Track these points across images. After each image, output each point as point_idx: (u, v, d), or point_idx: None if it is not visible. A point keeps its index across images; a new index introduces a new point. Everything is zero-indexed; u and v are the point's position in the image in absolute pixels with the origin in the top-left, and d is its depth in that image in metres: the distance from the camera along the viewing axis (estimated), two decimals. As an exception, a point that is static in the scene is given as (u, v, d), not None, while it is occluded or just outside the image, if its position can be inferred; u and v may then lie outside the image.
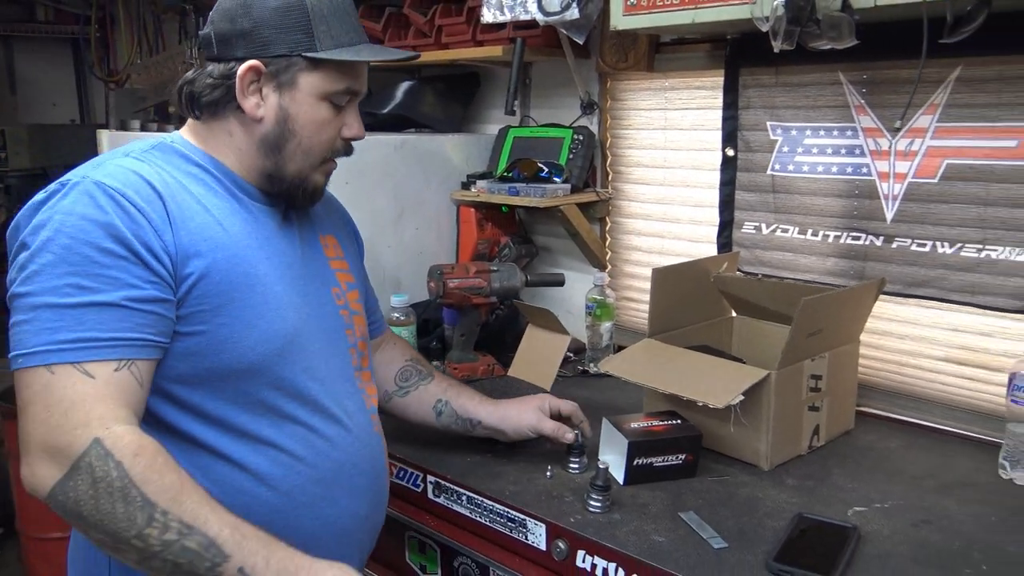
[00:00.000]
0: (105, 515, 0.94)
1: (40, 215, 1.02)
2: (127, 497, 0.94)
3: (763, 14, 1.39)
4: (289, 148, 1.17)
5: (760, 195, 1.94)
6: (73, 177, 1.05)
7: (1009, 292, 1.60)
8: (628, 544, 1.25)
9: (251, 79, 1.13)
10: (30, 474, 0.97)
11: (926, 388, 1.78)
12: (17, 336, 0.99)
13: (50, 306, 0.98)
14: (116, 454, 0.95)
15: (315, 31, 1.13)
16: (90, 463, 0.94)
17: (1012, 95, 1.56)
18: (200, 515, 0.97)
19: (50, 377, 0.97)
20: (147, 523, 0.94)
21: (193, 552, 0.95)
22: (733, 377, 1.48)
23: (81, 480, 0.94)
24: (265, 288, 1.14)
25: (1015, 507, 1.36)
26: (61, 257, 0.99)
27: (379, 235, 2.20)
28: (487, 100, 2.56)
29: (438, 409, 1.52)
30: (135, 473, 0.95)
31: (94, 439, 0.95)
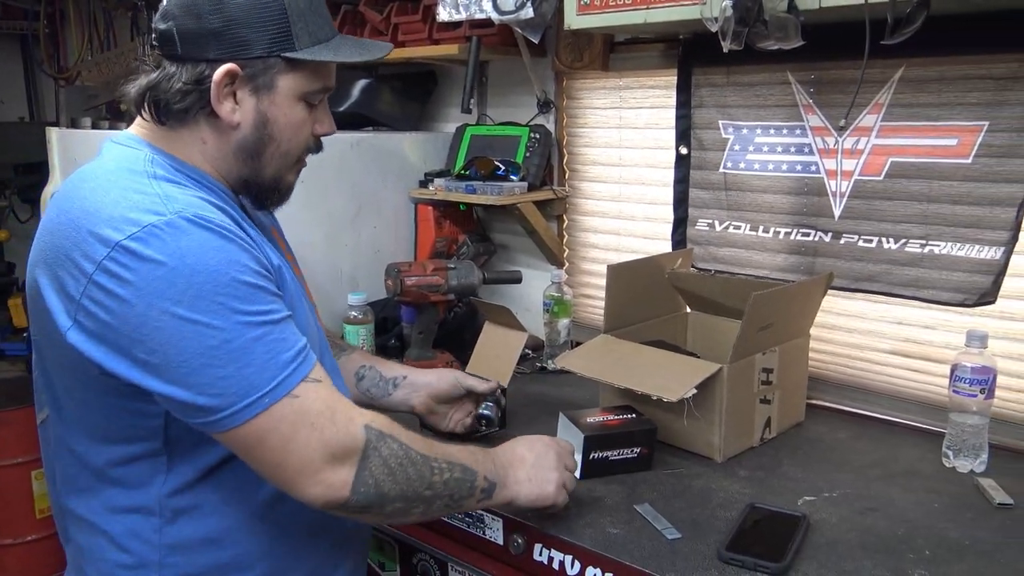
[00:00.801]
0: (402, 482, 1.04)
1: (153, 265, 0.92)
2: (412, 460, 1.05)
3: (712, 15, 1.42)
4: (268, 153, 1.10)
5: (713, 193, 1.98)
6: (151, 216, 0.94)
7: (951, 286, 1.65)
8: (584, 537, 1.27)
9: (226, 82, 1.04)
10: (325, 488, 1.00)
11: (873, 380, 1.83)
12: (236, 385, 0.94)
13: (256, 340, 0.96)
14: (385, 430, 1.05)
15: (293, 28, 1.05)
16: (375, 447, 1.03)
17: (952, 95, 1.61)
18: (446, 451, 1.12)
19: (296, 402, 0.98)
20: (431, 472, 1.07)
21: (459, 480, 1.11)
22: (686, 371, 1.51)
23: (374, 464, 1.02)
24: (298, 294, 1.14)
25: (957, 494, 1.41)
26: (230, 294, 0.95)
27: (336, 234, 2.20)
28: (444, 98, 2.56)
29: (360, 374, 1.50)
30: (404, 438, 1.06)
31: (364, 426, 1.03)
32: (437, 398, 1.52)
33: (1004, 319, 1.63)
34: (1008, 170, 1.55)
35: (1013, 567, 1.18)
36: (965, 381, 1.45)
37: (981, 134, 1.58)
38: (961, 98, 1.60)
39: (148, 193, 0.98)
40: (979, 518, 1.33)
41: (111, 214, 0.95)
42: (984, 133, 1.58)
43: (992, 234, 1.59)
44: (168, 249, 0.92)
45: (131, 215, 0.94)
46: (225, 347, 0.93)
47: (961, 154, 1.61)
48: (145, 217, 0.94)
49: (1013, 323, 1.62)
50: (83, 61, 3.82)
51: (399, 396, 1.50)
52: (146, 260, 0.92)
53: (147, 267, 0.92)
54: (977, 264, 1.61)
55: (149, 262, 0.92)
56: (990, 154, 1.57)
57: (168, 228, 0.93)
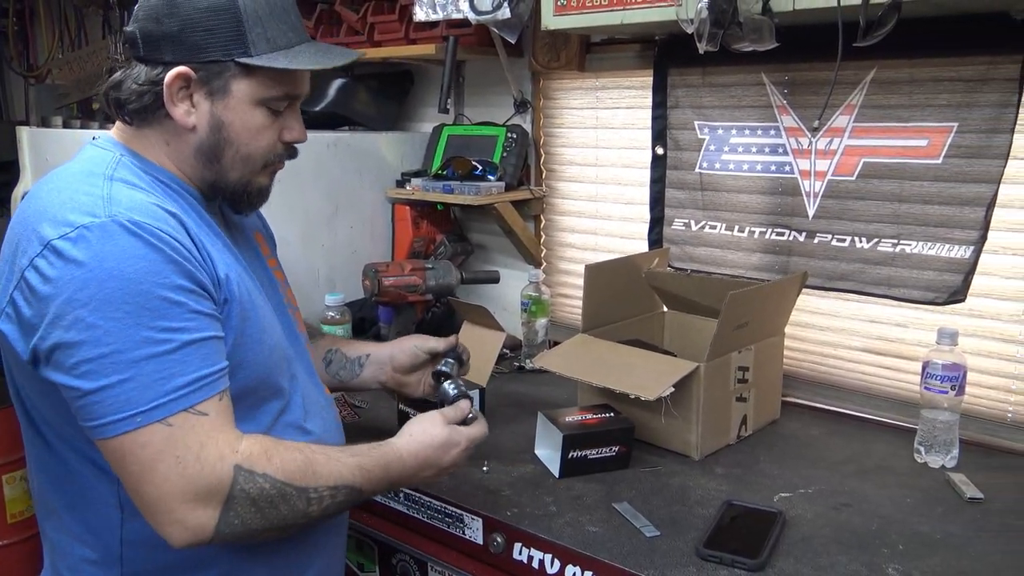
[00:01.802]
0: (273, 520, 1.02)
1: (74, 266, 0.93)
2: (285, 496, 1.02)
3: (688, 16, 1.43)
4: (227, 157, 1.10)
5: (689, 192, 1.99)
6: (87, 218, 0.95)
7: (922, 285, 1.68)
8: (563, 535, 1.28)
9: (180, 86, 1.05)
10: (182, 529, 0.96)
11: (847, 378, 1.85)
12: (115, 398, 0.93)
13: (151, 357, 0.94)
14: (258, 468, 1.00)
15: (248, 34, 1.05)
16: (243, 488, 0.98)
17: (922, 96, 1.63)
18: (334, 473, 1.07)
19: (169, 430, 0.95)
20: (307, 505, 1.04)
21: (341, 503, 1.08)
22: (663, 370, 1.52)
23: (241, 506, 0.99)
24: (259, 301, 1.13)
25: (928, 489, 1.43)
26: (139, 305, 0.93)
27: (313, 234, 2.19)
28: (421, 98, 2.56)
29: (328, 359, 1.50)
30: (280, 474, 1.02)
31: (234, 466, 0.98)
32: (401, 369, 1.51)
33: (974, 317, 1.66)
34: (977, 170, 1.58)
35: (984, 560, 1.21)
36: (936, 378, 1.47)
37: (951, 135, 1.61)
38: (931, 99, 1.63)
39: (93, 195, 0.99)
40: (950, 512, 1.35)
41: (55, 214, 0.97)
42: (954, 134, 1.61)
43: (962, 233, 1.62)
44: (91, 252, 0.94)
45: (70, 216, 0.96)
46: (115, 356, 0.93)
47: (931, 155, 1.64)
48: (80, 218, 0.95)
49: (983, 321, 1.65)
50: (54, 59, 3.77)
51: (367, 375, 1.51)
52: (68, 261, 0.93)
53: (68, 268, 0.93)
54: (947, 263, 1.64)
55: (71, 263, 0.93)
56: (959, 154, 1.60)
57: (98, 231, 0.95)
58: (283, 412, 1.14)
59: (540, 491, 1.42)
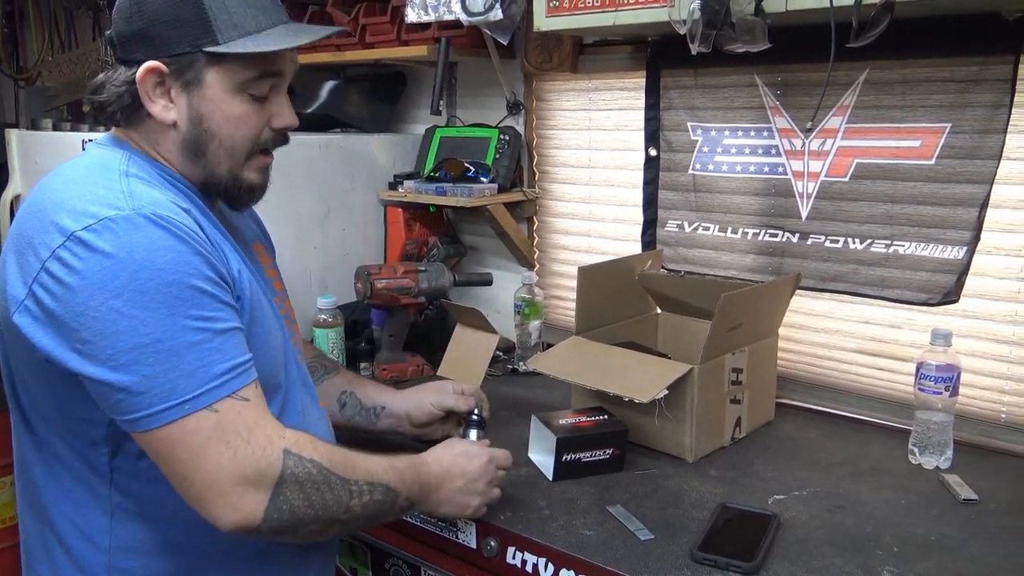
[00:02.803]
0: (319, 508, 1.03)
1: (102, 257, 0.92)
2: (330, 484, 1.04)
3: (680, 17, 1.42)
4: (212, 150, 1.08)
5: (682, 194, 1.99)
6: (111, 210, 0.95)
7: (916, 285, 1.68)
8: (557, 539, 1.27)
9: (155, 81, 1.04)
10: (233, 511, 0.97)
11: (841, 379, 1.85)
12: (160, 387, 0.93)
13: (191, 345, 0.94)
14: (305, 454, 1.02)
15: (214, 22, 1.03)
16: (293, 472, 1.00)
17: (915, 97, 1.63)
18: (370, 470, 1.10)
19: (217, 416, 0.96)
20: (349, 497, 1.06)
21: (379, 502, 1.10)
22: (657, 372, 1.52)
23: (290, 490, 1.00)
24: (264, 304, 1.13)
25: (923, 491, 1.43)
26: (173, 295, 0.94)
27: (305, 236, 2.18)
28: (413, 100, 2.55)
29: (342, 401, 1.50)
30: (325, 461, 1.04)
31: (283, 450, 1.00)
32: (418, 425, 1.51)
33: (968, 317, 1.65)
34: (970, 171, 1.58)
35: (979, 562, 1.20)
36: (930, 379, 1.47)
37: (944, 135, 1.61)
38: (924, 100, 1.62)
39: (113, 189, 0.99)
40: (945, 514, 1.35)
41: (74, 206, 0.96)
42: (947, 135, 1.60)
43: (955, 234, 1.61)
44: (119, 243, 0.93)
45: (91, 208, 0.95)
46: (156, 346, 0.93)
47: (924, 155, 1.64)
48: (104, 211, 0.95)
49: (976, 321, 1.65)
50: (44, 61, 3.75)
51: (383, 425, 1.51)
52: (96, 252, 0.93)
53: (96, 258, 0.93)
54: (941, 263, 1.64)
55: (98, 253, 0.93)
56: (952, 155, 1.60)
57: (123, 223, 0.94)
58: (282, 414, 1.13)
59: (534, 494, 1.41)
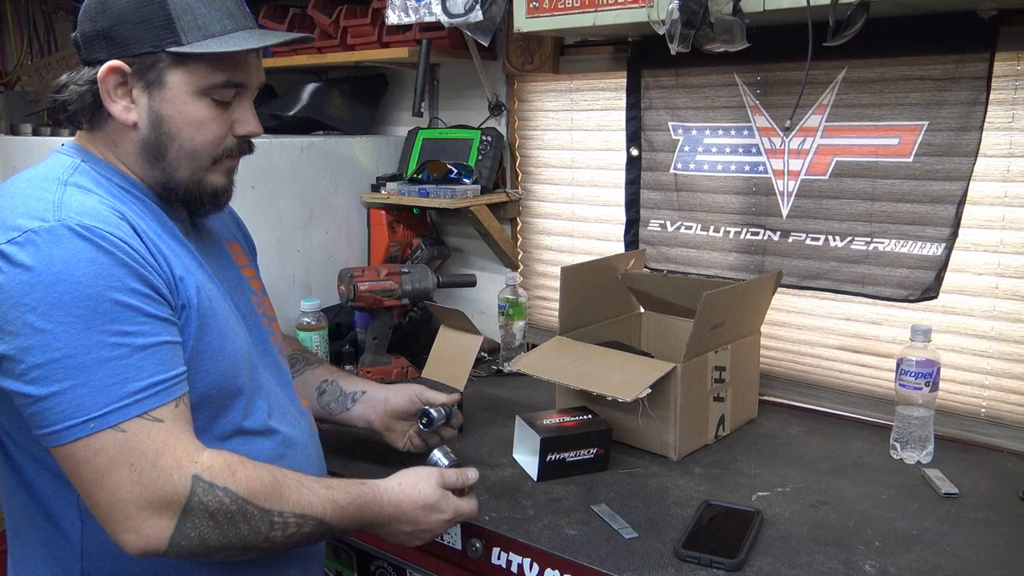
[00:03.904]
0: (231, 538, 0.98)
1: (21, 270, 0.92)
2: (246, 515, 0.99)
3: (659, 17, 1.43)
4: (172, 153, 1.07)
5: (664, 193, 2.00)
6: (35, 222, 0.94)
7: (895, 282, 1.69)
8: (542, 539, 1.27)
9: (116, 81, 1.04)
10: (136, 536, 0.94)
11: (823, 376, 1.86)
12: (68, 403, 0.91)
13: (103, 361, 0.92)
14: (218, 481, 0.97)
15: (178, 23, 1.03)
16: (200, 500, 0.96)
17: (893, 95, 1.64)
18: (302, 502, 1.04)
19: (123, 436, 0.93)
20: (270, 528, 1.01)
21: (309, 534, 1.05)
22: (640, 371, 1.52)
23: (198, 518, 0.96)
24: (222, 307, 1.11)
25: (904, 485, 1.44)
26: (90, 309, 0.92)
27: (287, 239, 2.17)
28: (395, 102, 2.54)
29: (321, 389, 1.48)
30: (242, 490, 0.99)
31: (192, 476, 0.96)
32: (394, 414, 1.48)
33: (947, 313, 1.67)
34: (947, 168, 1.60)
35: (959, 555, 1.21)
36: (910, 375, 1.48)
37: (921, 133, 1.62)
38: (902, 98, 1.64)
39: (44, 200, 0.98)
40: (926, 508, 1.36)
41: (4, 219, 0.96)
42: (924, 132, 1.62)
43: (933, 231, 1.63)
44: (39, 256, 0.92)
45: (19, 220, 0.95)
46: (66, 361, 0.91)
47: (902, 153, 1.65)
48: (29, 223, 0.94)
49: (956, 317, 1.66)
50: (23, 66, 3.72)
51: (357, 411, 1.48)
52: (16, 265, 0.92)
53: (15, 272, 0.92)
54: (920, 260, 1.65)
55: (18, 267, 0.92)
56: (930, 152, 1.61)
57: (46, 235, 0.93)
58: (245, 418, 1.11)
59: (518, 495, 1.42)
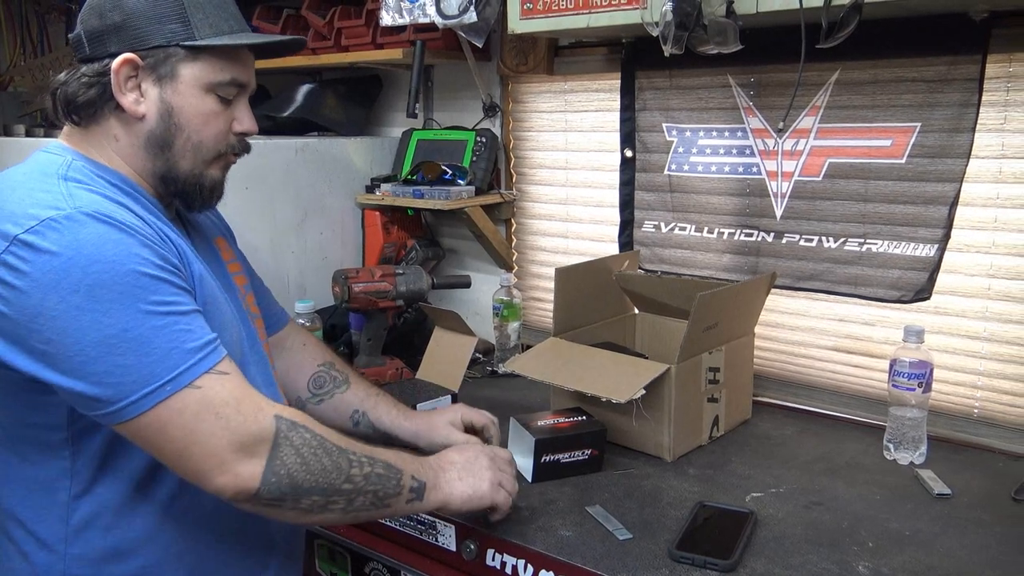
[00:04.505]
0: (317, 473, 1.01)
1: (49, 256, 0.92)
2: (327, 450, 1.03)
3: (653, 19, 1.43)
4: (178, 144, 1.10)
5: (658, 195, 2.00)
6: (51, 211, 0.95)
7: (888, 283, 1.69)
8: (536, 540, 1.27)
9: (128, 73, 1.06)
10: (233, 479, 0.97)
11: (817, 376, 1.87)
12: (137, 373, 0.93)
13: (158, 329, 0.95)
14: (298, 419, 1.03)
15: (191, 19, 1.07)
16: (286, 436, 1.00)
17: (885, 97, 1.65)
18: (367, 447, 1.09)
19: (200, 392, 0.96)
20: (349, 465, 1.04)
21: (382, 476, 1.08)
22: (635, 372, 1.52)
23: (285, 453, 1.00)
24: (219, 300, 1.12)
25: (897, 486, 1.45)
26: (130, 284, 0.94)
27: (282, 240, 2.17)
28: (390, 103, 2.54)
29: (355, 420, 1.48)
30: (319, 429, 1.04)
31: (275, 415, 1.01)
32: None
33: (940, 314, 1.67)
34: (940, 169, 1.60)
35: (951, 555, 1.22)
36: (903, 375, 1.49)
37: (914, 135, 1.63)
38: (894, 100, 1.64)
39: (52, 191, 0.99)
40: (919, 509, 1.36)
41: (12, 210, 0.96)
42: (917, 134, 1.62)
43: (926, 232, 1.63)
44: (64, 241, 0.93)
45: (31, 211, 0.95)
46: (123, 335, 0.93)
47: (895, 154, 1.66)
48: (44, 212, 0.95)
49: (948, 318, 1.67)
50: (16, 66, 3.71)
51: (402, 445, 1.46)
52: (42, 252, 0.93)
53: (43, 258, 0.92)
54: (913, 261, 1.66)
55: (45, 254, 0.92)
56: (923, 154, 1.62)
57: (66, 221, 0.94)
58: None
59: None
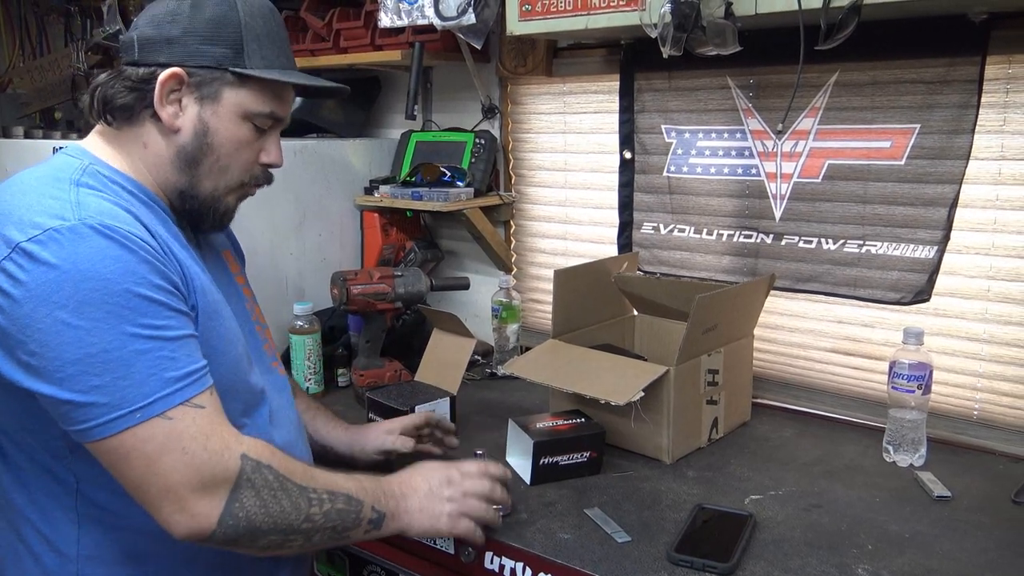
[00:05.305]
0: (276, 515, 1.02)
1: (46, 268, 0.92)
2: (287, 491, 1.03)
3: (651, 21, 1.43)
4: (206, 164, 1.11)
5: (657, 196, 2.00)
6: (56, 221, 0.94)
7: (888, 285, 1.69)
8: (535, 543, 1.27)
9: (172, 87, 1.07)
10: (188, 518, 0.96)
11: (816, 378, 1.86)
12: (111, 396, 0.93)
13: (140, 353, 0.94)
14: (263, 460, 1.02)
15: (246, 48, 1.09)
16: (248, 477, 1.00)
17: (885, 98, 1.65)
18: (330, 481, 1.09)
19: (170, 423, 0.95)
20: (308, 504, 1.05)
21: (342, 511, 1.08)
22: (634, 374, 1.52)
23: (245, 495, 0.99)
24: (225, 315, 1.12)
25: (897, 488, 1.44)
26: (120, 304, 0.93)
27: (281, 243, 2.16)
28: (389, 104, 2.54)
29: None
30: (282, 468, 1.04)
31: (241, 455, 1.00)
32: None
33: (939, 316, 1.67)
34: (939, 171, 1.60)
35: (952, 558, 1.22)
36: (903, 377, 1.48)
37: (913, 136, 1.62)
38: (894, 101, 1.64)
39: (60, 199, 0.98)
40: (919, 511, 1.36)
41: (20, 216, 0.96)
42: (916, 135, 1.62)
43: (926, 233, 1.63)
44: (63, 254, 0.93)
45: (37, 219, 0.95)
46: (103, 356, 0.92)
47: (895, 156, 1.65)
48: (49, 221, 0.95)
49: (948, 320, 1.67)
50: (15, 68, 3.71)
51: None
52: (40, 263, 0.92)
53: (40, 270, 0.92)
54: (912, 263, 1.66)
55: (43, 265, 0.92)
56: (922, 155, 1.62)
57: (68, 233, 0.94)
58: (245, 425, 1.12)
59: (511, 499, 1.41)
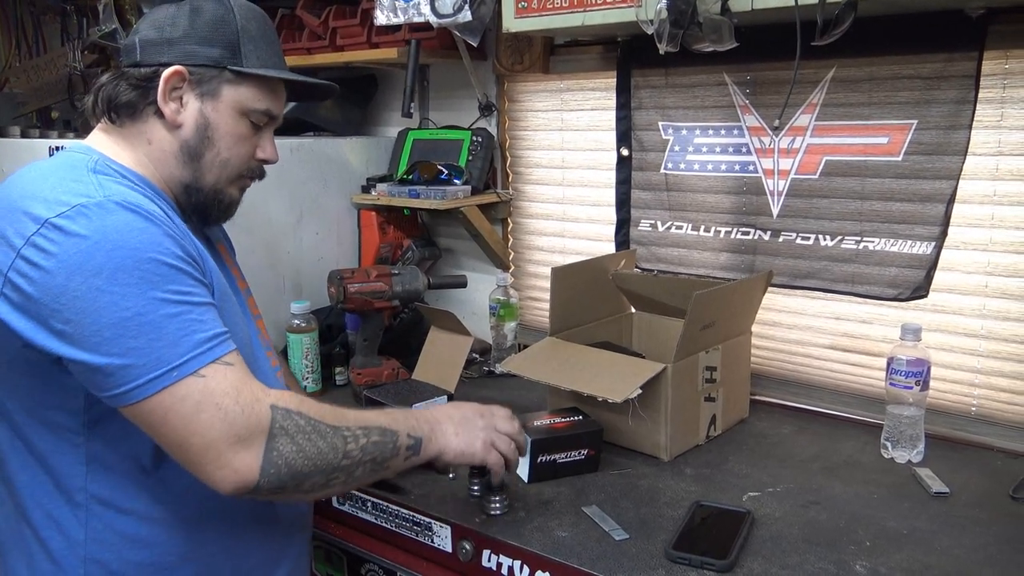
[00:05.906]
0: (314, 457, 1.04)
1: (78, 239, 0.95)
2: (321, 433, 1.06)
3: (648, 17, 1.43)
4: (208, 158, 1.16)
5: (655, 193, 1.99)
6: (82, 198, 0.98)
7: (885, 281, 1.69)
8: (532, 541, 1.27)
9: (175, 84, 1.13)
10: (232, 473, 0.99)
11: (814, 375, 1.86)
12: (146, 358, 0.96)
13: (171, 316, 0.98)
14: (292, 407, 1.05)
15: (242, 49, 1.15)
16: (281, 425, 1.03)
17: (882, 94, 1.64)
18: (361, 417, 1.13)
19: (203, 381, 0.99)
20: (344, 442, 1.07)
21: (378, 443, 1.11)
22: (631, 372, 1.52)
23: (281, 443, 1.02)
24: (231, 298, 1.16)
25: (894, 484, 1.44)
26: (150, 271, 0.98)
27: (277, 241, 2.16)
28: (385, 102, 2.54)
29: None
30: (312, 413, 1.07)
31: (271, 405, 1.03)
32: None
33: (937, 312, 1.67)
34: (937, 167, 1.60)
35: (949, 553, 1.21)
36: (901, 373, 1.48)
37: (910, 132, 1.62)
38: (891, 97, 1.64)
39: (83, 181, 1.03)
40: (917, 507, 1.36)
41: (46, 196, 0.99)
42: (913, 131, 1.62)
43: (923, 229, 1.63)
44: (93, 226, 0.97)
45: (63, 197, 0.99)
46: (137, 319, 0.96)
47: (892, 152, 1.65)
48: (76, 199, 0.98)
49: (946, 316, 1.66)
50: (11, 67, 3.70)
51: None
52: (71, 235, 0.96)
53: (72, 241, 0.96)
54: (910, 259, 1.65)
55: (74, 237, 0.96)
56: (919, 151, 1.61)
57: (96, 208, 0.98)
58: None
59: (509, 497, 1.41)
